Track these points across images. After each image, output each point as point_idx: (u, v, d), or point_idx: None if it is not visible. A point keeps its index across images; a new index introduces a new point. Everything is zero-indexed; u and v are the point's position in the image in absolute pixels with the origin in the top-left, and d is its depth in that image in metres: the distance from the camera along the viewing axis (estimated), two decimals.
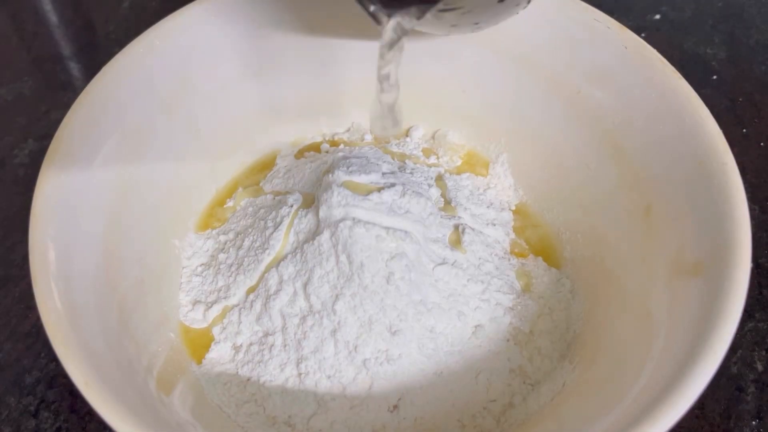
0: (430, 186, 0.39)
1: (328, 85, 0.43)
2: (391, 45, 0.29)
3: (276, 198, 0.40)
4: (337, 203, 0.34)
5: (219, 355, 0.35)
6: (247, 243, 0.38)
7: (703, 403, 0.35)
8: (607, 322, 0.34)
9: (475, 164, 0.44)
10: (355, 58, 0.42)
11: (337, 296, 0.33)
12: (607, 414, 0.27)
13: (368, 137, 0.45)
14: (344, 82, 0.44)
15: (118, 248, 0.33)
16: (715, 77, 0.52)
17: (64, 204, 0.30)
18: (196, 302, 0.37)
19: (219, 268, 0.38)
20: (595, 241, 0.37)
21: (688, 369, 0.24)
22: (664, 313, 0.29)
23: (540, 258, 0.39)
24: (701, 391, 0.24)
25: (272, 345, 0.34)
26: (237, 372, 0.34)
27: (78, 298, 0.28)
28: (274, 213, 0.38)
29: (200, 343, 0.36)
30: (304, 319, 0.34)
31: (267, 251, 0.36)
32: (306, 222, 0.36)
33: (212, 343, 0.35)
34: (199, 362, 0.35)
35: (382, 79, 0.30)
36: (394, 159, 0.41)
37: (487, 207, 0.41)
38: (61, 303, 0.27)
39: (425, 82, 0.43)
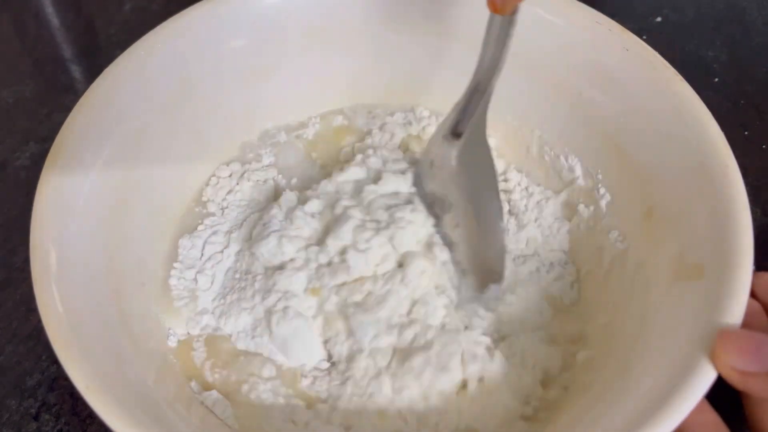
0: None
1: (328, 86, 0.44)
2: None
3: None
4: None
5: None
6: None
7: None
8: (608, 325, 0.34)
9: None
10: (355, 59, 0.42)
11: None
12: (607, 418, 0.27)
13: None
14: (345, 82, 0.44)
15: (119, 251, 0.33)
16: (716, 79, 0.51)
17: (65, 206, 0.30)
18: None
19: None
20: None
21: (689, 373, 0.24)
22: (666, 317, 0.29)
23: None
24: (702, 396, 0.24)
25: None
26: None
27: (79, 300, 0.28)
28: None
29: None
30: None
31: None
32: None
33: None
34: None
35: None
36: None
37: None
38: (63, 306, 0.27)
39: (427, 85, 0.43)
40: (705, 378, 0.24)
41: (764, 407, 0.26)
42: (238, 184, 0.41)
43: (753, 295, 0.26)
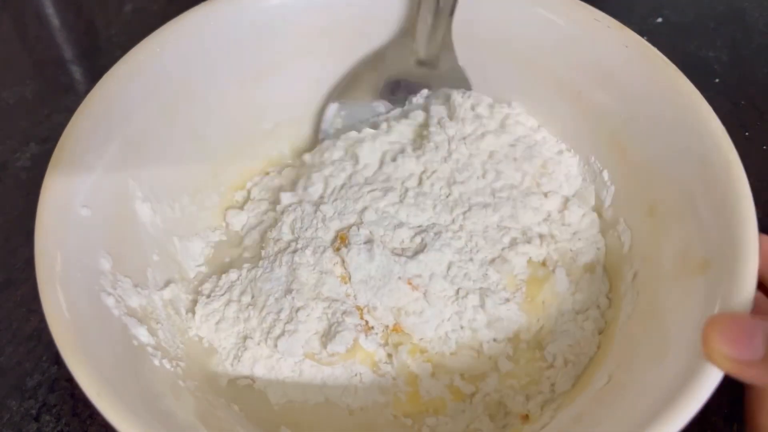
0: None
1: (330, 86, 0.43)
2: None
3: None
4: None
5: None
6: None
7: (707, 406, 0.35)
8: (613, 322, 0.34)
9: None
10: (356, 59, 0.42)
11: None
12: (611, 417, 0.27)
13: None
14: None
15: (123, 253, 0.33)
16: (717, 80, 0.52)
17: (69, 210, 0.30)
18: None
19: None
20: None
21: (696, 370, 0.24)
22: (671, 312, 0.29)
23: None
24: (711, 393, 0.24)
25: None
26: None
27: (84, 305, 0.28)
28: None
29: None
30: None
31: None
32: None
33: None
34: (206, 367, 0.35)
35: None
36: None
37: None
38: (69, 312, 0.27)
39: None
40: (712, 376, 0.24)
41: (763, 395, 0.26)
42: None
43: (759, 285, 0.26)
